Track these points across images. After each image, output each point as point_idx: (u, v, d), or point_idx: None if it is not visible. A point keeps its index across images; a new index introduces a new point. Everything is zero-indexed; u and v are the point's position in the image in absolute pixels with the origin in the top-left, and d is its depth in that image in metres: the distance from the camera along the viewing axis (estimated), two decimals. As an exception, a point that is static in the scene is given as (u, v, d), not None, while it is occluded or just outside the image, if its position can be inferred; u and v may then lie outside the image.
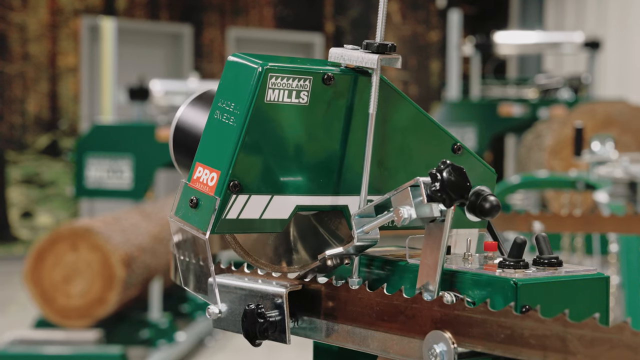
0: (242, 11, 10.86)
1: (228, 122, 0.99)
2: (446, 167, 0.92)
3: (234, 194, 0.98)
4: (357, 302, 0.95)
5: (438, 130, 1.10)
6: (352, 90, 1.03)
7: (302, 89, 1.00)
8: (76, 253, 4.80)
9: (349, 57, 1.03)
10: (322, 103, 1.02)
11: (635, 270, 3.05)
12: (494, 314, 0.84)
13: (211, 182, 0.99)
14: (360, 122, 1.04)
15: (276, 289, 1.00)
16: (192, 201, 1.01)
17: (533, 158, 6.62)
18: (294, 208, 1.02)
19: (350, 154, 1.04)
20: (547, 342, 0.81)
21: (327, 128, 1.03)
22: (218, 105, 1.01)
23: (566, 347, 0.79)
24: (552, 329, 0.80)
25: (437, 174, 0.92)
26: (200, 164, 1.01)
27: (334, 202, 1.05)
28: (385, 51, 1.01)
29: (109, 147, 5.84)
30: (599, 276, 0.98)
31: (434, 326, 0.88)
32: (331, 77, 1.02)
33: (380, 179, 1.06)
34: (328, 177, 1.04)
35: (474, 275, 0.96)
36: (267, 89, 0.98)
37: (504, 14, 12.19)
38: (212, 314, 1.02)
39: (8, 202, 9.56)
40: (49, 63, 9.67)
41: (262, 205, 1.00)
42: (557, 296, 0.94)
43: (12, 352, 4.62)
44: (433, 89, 11.78)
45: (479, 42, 8.26)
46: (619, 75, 9.78)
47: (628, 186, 3.32)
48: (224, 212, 0.98)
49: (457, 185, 0.91)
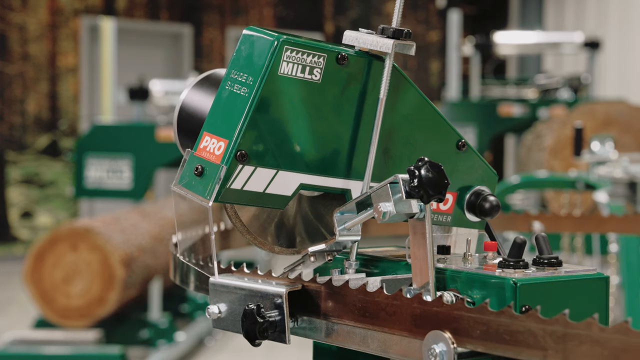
0: (242, 11, 10.86)
1: (239, 92, 1.00)
2: (424, 164, 0.92)
3: (240, 163, 0.98)
4: (356, 302, 0.95)
5: (445, 125, 1.10)
6: (365, 74, 1.03)
7: (316, 65, 1.01)
8: (76, 253, 4.80)
9: (363, 41, 1.03)
10: (334, 83, 1.02)
11: (635, 270, 3.05)
12: (493, 313, 0.84)
13: (218, 151, 0.99)
14: (370, 107, 1.04)
15: (276, 289, 1.00)
16: (198, 169, 1.00)
17: (533, 158, 6.62)
18: (297, 186, 1.03)
19: (357, 137, 1.04)
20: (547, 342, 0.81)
21: (336, 108, 1.03)
22: (230, 77, 1.01)
23: (566, 347, 0.79)
24: (552, 329, 0.80)
25: (415, 171, 0.92)
26: (207, 134, 1.01)
27: (338, 184, 1.05)
28: (401, 37, 1.01)
29: (109, 147, 5.84)
30: (599, 276, 0.98)
31: (433, 326, 0.88)
32: (345, 57, 1.02)
33: (384, 166, 1.06)
34: (333, 158, 1.04)
35: (473, 275, 0.96)
36: (281, 61, 0.99)
37: (503, 14, 12.19)
38: (212, 314, 1.02)
39: (8, 202, 9.56)
40: (48, 63, 9.67)
41: (267, 179, 1.00)
42: (557, 296, 0.94)
43: (12, 352, 4.62)
44: (433, 89, 11.78)
45: (478, 42, 8.26)
46: (618, 75, 9.77)
47: (628, 186, 3.32)
48: (229, 181, 0.98)
49: (434, 182, 0.92)
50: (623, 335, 0.77)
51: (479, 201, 1.07)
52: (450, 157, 1.10)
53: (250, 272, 1.04)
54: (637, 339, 0.76)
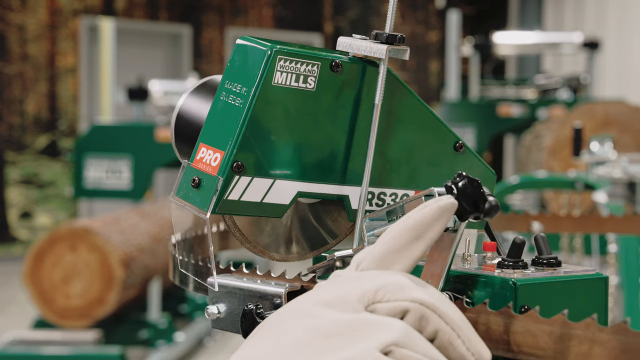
0: (241, 11, 10.86)
1: (234, 103, 1.00)
2: (462, 179, 0.91)
3: (237, 174, 0.99)
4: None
5: (441, 127, 1.10)
6: (359, 80, 1.04)
7: (310, 74, 1.01)
8: (75, 253, 4.80)
9: (357, 47, 1.03)
10: (329, 90, 1.02)
11: (634, 270, 3.05)
12: (492, 313, 0.84)
13: (214, 163, 1.00)
14: (365, 112, 1.04)
15: (275, 289, 1.00)
16: (194, 181, 1.01)
17: (532, 158, 6.63)
18: (295, 194, 1.03)
19: (354, 143, 1.05)
20: (545, 342, 0.81)
21: (332, 116, 1.03)
22: (225, 87, 1.02)
23: (564, 347, 0.80)
24: (550, 329, 0.80)
25: (452, 186, 0.91)
26: (203, 145, 1.02)
27: (335, 191, 1.05)
28: (395, 42, 1.01)
29: (108, 147, 5.84)
30: (598, 276, 0.98)
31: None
32: (339, 65, 1.02)
33: (381, 171, 1.06)
34: (331, 165, 1.04)
35: (472, 276, 0.96)
36: (275, 71, 0.99)
37: (503, 14, 12.19)
38: (211, 314, 1.02)
39: (7, 202, 9.56)
40: (48, 63, 9.67)
41: (264, 188, 1.01)
42: (556, 296, 0.94)
43: (11, 352, 4.63)
44: (432, 89, 11.79)
45: (478, 43, 8.26)
46: (618, 75, 9.78)
47: (627, 186, 3.32)
48: (226, 192, 0.99)
49: (472, 198, 0.91)
50: (622, 335, 0.77)
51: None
52: (448, 159, 1.10)
53: (249, 272, 1.04)
54: (635, 339, 0.76)
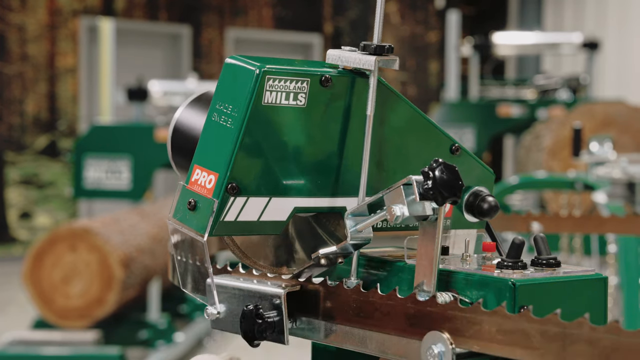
0: (241, 12, 10.85)
1: (226, 124, 0.99)
2: (438, 165, 0.92)
3: (232, 196, 0.98)
4: (355, 303, 0.95)
5: (436, 131, 1.10)
6: (350, 92, 1.03)
7: (300, 91, 1.00)
8: (75, 254, 4.80)
9: (346, 59, 1.03)
10: (320, 105, 1.02)
11: (634, 270, 3.05)
12: (486, 313, 0.84)
13: (209, 185, 0.99)
14: (358, 124, 1.04)
15: (274, 289, 1.00)
16: (190, 203, 1.01)
17: (532, 158, 6.63)
18: (292, 210, 1.02)
19: (349, 155, 1.04)
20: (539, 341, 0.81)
21: (325, 130, 1.03)
22: (216, 108, 1.01)
23: (558, 346, 0.80)
24: (544, 328, 0.80)
25: (429, 172, 0.92)
26: (198, 167, 1.01)
27: (332, 203, 1.05)
28: (383, 52, 1.01)
29: (108, 147, 5.84)
30: (597, 277, 0.98)
31: (432, 327, 0.89)
32: (329, 79, 1.01)
33: (378, 180, 1.06)
34: (326, 178, 1.04)
35: (472, 276, 0.96)
36: (264, 92, 0.98)
37: (502, 15, 12.19)
38: (211, 314, 1.02)
39: (7, 202, 9.55)
40: (47, 64, 9.67)
41: (260, 207, 1.00)
42: (555, 297, 0.94)
43: (11, 352, 4.62)
44: (432, 89, 11.78)
45: (477, 43, 8.26)
46: (617, 75, 9.78)
47: (626, 187, 3.32)
48: (222, 214, 0.98)
49: (449, 183, 0.91)
50: (614, 334, 0.77)
51: (477, 202, 1.07)
52: None
53: (245, 272, 1.05)
54: (627, 339, 0.76)
